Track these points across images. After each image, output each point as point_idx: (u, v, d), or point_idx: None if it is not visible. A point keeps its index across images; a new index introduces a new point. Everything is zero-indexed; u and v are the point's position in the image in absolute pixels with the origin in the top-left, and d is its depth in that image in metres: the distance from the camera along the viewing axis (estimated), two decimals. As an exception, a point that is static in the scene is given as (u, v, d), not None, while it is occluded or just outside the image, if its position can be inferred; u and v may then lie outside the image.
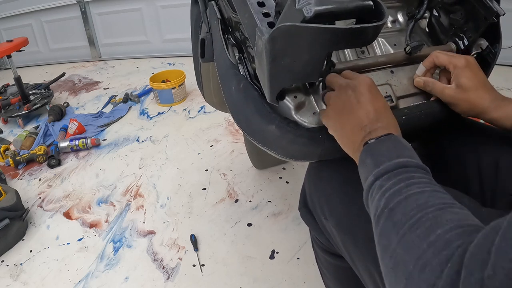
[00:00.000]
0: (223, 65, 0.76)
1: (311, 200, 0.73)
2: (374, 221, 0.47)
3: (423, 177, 0.47)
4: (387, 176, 0.48)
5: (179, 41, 3.33)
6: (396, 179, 0.47)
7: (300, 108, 0.67)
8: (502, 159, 0.64)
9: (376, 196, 0.48)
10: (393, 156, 0.50)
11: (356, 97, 0.57)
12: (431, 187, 0.45)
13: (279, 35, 0.50)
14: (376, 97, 0.58)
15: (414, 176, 0.47)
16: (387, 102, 0.59)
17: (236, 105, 0.72)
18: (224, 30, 0.77)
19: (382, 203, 0.46)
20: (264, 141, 0.68)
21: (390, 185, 0.47)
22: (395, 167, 0.48)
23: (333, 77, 0.63)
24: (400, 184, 0.46)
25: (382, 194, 0.47)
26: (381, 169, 0.49)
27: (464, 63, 0.65)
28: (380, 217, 0.46)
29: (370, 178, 0.49)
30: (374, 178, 0.49)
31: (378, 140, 0.53)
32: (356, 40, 0.52)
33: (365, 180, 0.51)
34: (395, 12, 0.82)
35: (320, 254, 0.83)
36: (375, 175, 0.49)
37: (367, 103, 0.57)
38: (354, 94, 0.58)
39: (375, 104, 0.57)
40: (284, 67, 0.55)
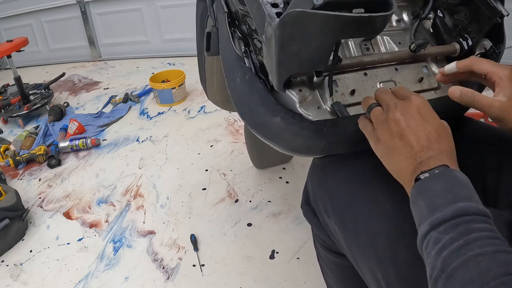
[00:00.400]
0: (228, 58, 0.76)
1: (314, 198, 0.72)
2: (430, 282, 0.44)
3: (484, 229, 0.43)
4: (443, 228, 0.44)
5: (179, 41, 3.33)
6: (454, 233, 0.43)
7: (304, 101, 0.67)
8: (505, 160, 0.64)
9: (432, 253, 0.44)
10: (450, 199, 0.46)
11: (405, 121, 0.54)
12: (493, 246, 0.41)
13: (289, 21, 0.50)
14: (428, 120, 0.54)
15: (474, 228, 0.43)
16: (443, 124, 0.55)
17: (240, 96, 0.72)
18: (231, 23, 0.77)
19: (439, 264, 0.42)
20: (268, 133, 0.68)
21: (448, 241, 0.43)
22: (453, 215, 0.44)
23: (383, 94, 0.59)
24: (459, 241, 0.42)
25: (438, 252, 0.43)
26: (436, 218, 0.45)
27: (511, 74, 0.58)
28: (437, 281, 0.42)
29: (425, 227, 0.46)
30: (429, 227, 0.45)
31: (431, 175, 0.49)
32: (364, 29, 0.52)
33: (419, 225, 0.48)
34: (400, 11, 0.82)
35: (322, 252, 0.82)
36: (430, 224, 0.45)
37: (417, 127, 0.53)
38: (403, 117, 0.54)
39: (426, 128, 0.53)
40: (292, 54, 0.55)
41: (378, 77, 0.73)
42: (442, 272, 0.42)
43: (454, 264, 0.41)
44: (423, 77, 0.74)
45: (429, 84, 0.74)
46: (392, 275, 0.55)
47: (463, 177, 0.49)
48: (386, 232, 0.58)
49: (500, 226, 0.54)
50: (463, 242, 0.42)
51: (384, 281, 0.57)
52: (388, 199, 0.61)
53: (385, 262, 0.57)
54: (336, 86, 0.70)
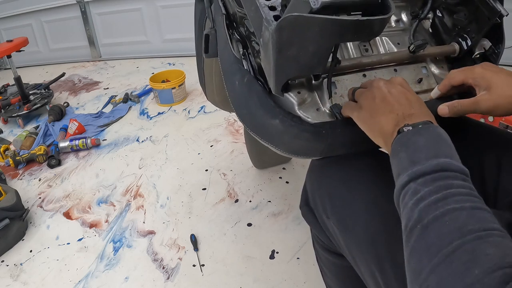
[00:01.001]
0: (227, 60, 0.76)
1: (313, 198, 0.72)
2: (405, 232, 0.44)
3: (463, 186, 0.44)
4: (423, 180, 0.45)
5: (179, 41, 3.33)
6: (433, 186, 0.44)
7: (303, 104, 0.67)
8: (504, 160, 0.64)
9: (409, 203, 0.45)
10: (431, 154, 0.46)
11: (387, 87, 0.57)
12: (471, 202, 0.42)
13: (286, 25, 0.50)
14: (409, 91, 0.57)
15: (453, 184, 0.43)
16: (420, 97, 0.58)
17: (239, 99, 0.72)
18: (229, 26, 0.77)
19: (416, 215, 0.43)
20: (267, 136, 0.68)
21: (426, 193, 0.43)
22: (433, 169, 0.45)
23: (365, 82, 0.63)
24: (437, 194, 0.43)
25: (416, 203, 0.44)
26: (416, 170, 0.46)
27: (480, 68, 0.62)
28: (412, 231, 0.43)
29: (404, 178, 0.46)
30: (409, 178, 0.46)
31: (415, 129, 0.50)
32: (362, 32, 0.52)
33: (398, 176, 0.48)
34: (399, 12, 0.82)
35: (321, 253, 0.83)
36: (410, 176, 0.46)
37: (399, 94, 0.56)
38: (385, 85, 0.58)
39: (407, 95, 0.56)
40: (290, 58, 0.55)
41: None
42: (418, 223, 0.42)
43: (431, 216, 0.42)
44: (422, 77, 0.74)
45: (429, 84, 0.74)
46: (391, 275, 0.56)
47: (445, 134, 0.50)
48: (385, 233, 0.58)
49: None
50: (441, 196, 0.43)
51: (383, 281, 0.57)
52: (387, 199, 0.61)
53: (384, 262, 0.57)
54: (335, 88, 0.70)
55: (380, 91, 0.57)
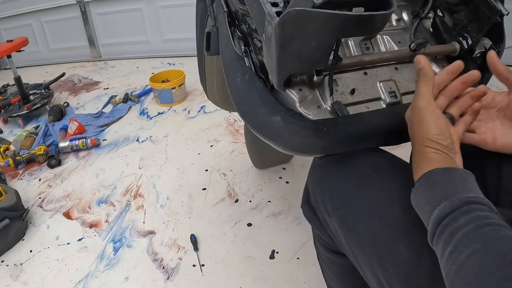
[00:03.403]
0: (228, 57, 0.76)
1: (314, 197, 0.72)
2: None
3: (492, 217, 0.45)
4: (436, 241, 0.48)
5: (179, 41, 3.33)
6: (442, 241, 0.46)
7: (304, 101, 0.67)
8: (505, 161, 0.64)
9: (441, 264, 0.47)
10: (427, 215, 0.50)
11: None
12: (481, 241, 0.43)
13: (289, 20, 0.50)
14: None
15: (456, 227, 0.45)
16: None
17: (240, 96, 0.72)
18: (231, 23, 0.77)
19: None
20: (268, 133, 0.68)
21: (440, 250, 0.46)
22: (433, 229, 0.48)
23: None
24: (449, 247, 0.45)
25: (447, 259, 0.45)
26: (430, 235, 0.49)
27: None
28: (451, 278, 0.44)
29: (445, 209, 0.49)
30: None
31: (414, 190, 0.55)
32: (364, 28, 0.52)
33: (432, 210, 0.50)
34: (400, 11, 0.82)
35: (322, 252, 0.82)
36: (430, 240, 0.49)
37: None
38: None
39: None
40: (293, 53, 0.55)
41: (378, 76, 0.73)
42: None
43: (452, 272, 0.42)
44: None
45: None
46: (393, 274, 0.55)
47: (433, 177, 0.53)
48: (387, 231, 0.58)
49: None
50: (452, 247, 0.44)
51: (385, 280, 0.57)
52: (388, 197, 0.61)
53: (387, 261, 0.57)
54: (336, 86, 0.70)
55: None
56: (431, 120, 0.56)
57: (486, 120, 0.64)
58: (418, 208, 0.52)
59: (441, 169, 0.52)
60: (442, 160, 0.54)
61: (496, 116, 0.64)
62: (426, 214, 0.50)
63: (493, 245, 0.41)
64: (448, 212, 0.46)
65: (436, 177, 0.52)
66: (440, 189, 0.50)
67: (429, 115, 0.56)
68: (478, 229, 0.43)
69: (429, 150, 0.55)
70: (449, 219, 0.46)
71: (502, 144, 0.62)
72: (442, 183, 0.50)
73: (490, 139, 0.63)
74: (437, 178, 0.51)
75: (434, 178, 0.52)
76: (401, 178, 0.63)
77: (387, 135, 0.68)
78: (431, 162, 0.54)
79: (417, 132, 0.57)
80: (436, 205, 0.48)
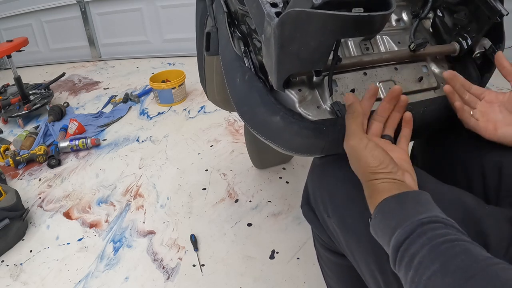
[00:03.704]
0: (228, 58, 0.76)
1: (314, 198, 0.72)
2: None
3: (422, 245, 0.46)
4: (397, 268, 0.48)
5: (179, 41, 3.33)
6: (403, 267, 0.46)
7: (304, 101, 0.67)
8: (505, 161, 0.64)
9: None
10: (384, 242, 0.51)
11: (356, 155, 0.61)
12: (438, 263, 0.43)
13: (288, 21, 0.50)
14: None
15: (413, 253, 0.46)
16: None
17: (240, 96, 0.72)
18: (230, 23, 0.77)
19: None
20: (267, 133, 0.68)
21: (403, 276, 0.46)
22: (393, 255, 0.48)
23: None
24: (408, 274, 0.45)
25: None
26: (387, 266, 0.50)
27: None
28: None
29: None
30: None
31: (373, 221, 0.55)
32: (363, 28, 0.52)
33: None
34: (400, 11, 0.82)
35: (322, 252, 0.82)
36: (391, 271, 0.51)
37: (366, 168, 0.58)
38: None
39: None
40: (292, 53, 0.55)
41: (377, 76, 0.73)
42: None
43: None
44: (423, 76, 0.74)
45: (429, 83, 0.74)
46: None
47: (386, 206, 0.53)
48: None
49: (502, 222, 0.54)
50: (412, 272, 0.44)
51: (383, 281, 0.57)
52: None
53: (384, 262, 0.57)
54: (336, 86, 0.70)
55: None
56: (366, 155, 0.57)
57: (489, 113, 0.66)
58: (378, 238, 0.53)
59: (392, 197, 0.52)
60: (391, 187, 0.54)
61: (499, 110, 0.66)
62: (385, 243, 0.50)
63: (452, 263, 0.41)
64: (404, 238, 0.47)
65: (388, 206, 0.52)
66: (394, 217, 0.50)
67: (363, 151, 0.57)
68: (434, 249, 0.43)
69: (376, 182, 0.55)
70: (406, 245, 0.46)
71: (502, 133, 0.63)
72: (394, 211, 0.51)
73: (491, 127, 0.64)
74: (390, 207, 0.52)
75: (386, 207, 0.52)
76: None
77: (387, 135, 0.68)
78: (381, 193, 0.54)
79: (358, 169, 0.58)
80: (392, 234, 0.48)
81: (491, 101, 0.67)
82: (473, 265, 0.40)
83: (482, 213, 0.55)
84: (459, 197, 0.58)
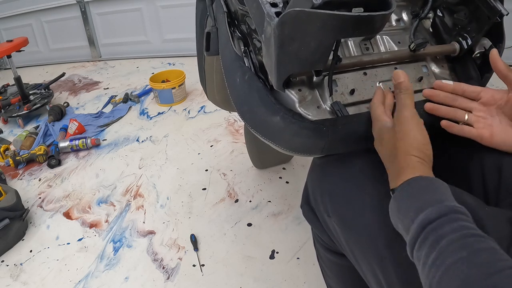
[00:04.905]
0: (228, 58, 0.76)
1: (314, 197, 0.72)
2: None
3: (453, 230, 0.46)
4: (418, 245, 0.47)
5: (179, 41, 3.33)
6: (427, 247, 0.46)
7: (304, 101, 0.67)
8: (505, 161, 0.64)
9: (420, 275, 0.47)
10: (412, 215, 0.50)
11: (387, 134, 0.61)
12: (466, 249, 0.43)
13: (288, 20, 0.50)
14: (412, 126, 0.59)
15: (442, 234, 0.45)
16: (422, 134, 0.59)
17: (240, 96, 0.72)
18: (230, 23, 0.77)
19: (427, 282, 0.45)
20: (267, 133, 0.68)
21: (424, 257, 0.46)
22: (419, 230, 0.48)
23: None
24: (433, 254, 0.45)
25: (422, 271, 0.46)
26: (410, 240, 0.49)
27: None
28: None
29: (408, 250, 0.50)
30: (410, 250, 0.49)
31: (396, 195, 0.54)
32: (363, 28, 0.52)
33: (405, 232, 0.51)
34: (400, 11, 0.82)
35: (322, 252, 0.82)
36: (410, 247, 0.49)
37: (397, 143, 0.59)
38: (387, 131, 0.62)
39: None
40: (292, 53, 0.55)
41: (377, 76, 0.73)
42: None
43: (436, 279, 0.42)
44: (423, 76, 0.75)
45: (429, 83, 0.74)
46: (392, 274, 0.55)
47: (418, 183, 0.53)
48: (387, 231, 0.58)
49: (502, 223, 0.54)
50: (436, 253, 0.44)
51: (384, 280, 0.57)
52: (388, 197, 0.61)
53: (386, 261, 0.57)
54: (336, 86, 0.70)
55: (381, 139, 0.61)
56: (417, 130, 0.58)
57: (486, 116, 0.65)
58: (399, 213, 0.52)
59: (426, 177, 0.53)
60: (425, 169, 0.55)
61: (496, 113, 0.64)
62: (407, 220, 0.50)
63: (479, 255, 0.42)
64: (435, 218, 0.46)
65: (421, 184, 0.52)
66: (425, 195, 0.50)
67: (416, 125, 0.58)
68: (463, 238, 0.44)
69: (415, 159, 0.56)
70: (435, 225, 0.46)
71: (499, 141, 0.63)
72: (427, 190, 0.51)
73: (487, 134, 0.63)
74: (422, 185, 0.52)
75: (419, 185, 0.52)
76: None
77: (387, 135, 0.68)
78: (414, 170, 0.54)
79: (401, 141, 0.58)
80: (420, 211, 0.48)
81: (488, 102, 0.65)
82: (498, 263, 0.40)
83: (482, 213, 0.55)
84: (459, 197, 0.58)
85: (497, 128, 0.63)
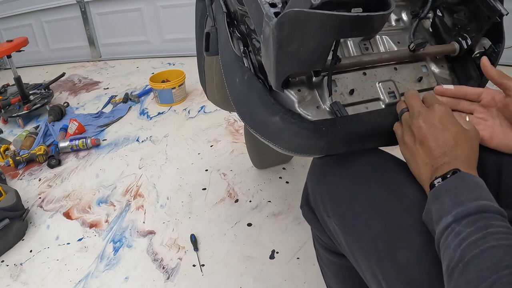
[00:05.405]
0: (227, 58, 0.76)
1: (314, 198, 0.72)
2: (447, 272, 0.46)
3: (501, 226, 0.46)
4: (466, 222, 0.47)
5: (179, 41, 3.33)
6: (474, 227, 0.46)
7: (303, 101, 0.67)
8: (505, 162, 0.64)
9: (451, 245, 0.47)
10: (473, 197, 0.49)
11: (426, 128, 0.58)
12: (508, 241, 0.44)
13: (287, 21, 0.50)
14: (448, 129, 0.57)
15: (493, 224, 0.46)
16: (462, 132, 0.58)
17: (239, 96, 0.72)
18: (230, 24, 0.77)
19: (458, 255, 0.45)
20: (267, 133, 0.68)
21: (468, 234, 0.46)
22: (476, 211, 0.47)
23: (410, 99, 0.63)
24: (477, 234, 0.45)
25: (458, 244, 0.46)
26: (461, 211, 0.48)
27: None
28: (454, 270, 0.45)
29: (448, 219, 0.48)
30: (453, 219, 0.48)
31: (443, 181, 0.53)
32: (362, 28, 0.52)
33: (440, 219, 0.50)
34: (399, 11, 0.82)
35: (321, 253, 0.82)
36: (455, 217, 0.48)
37: (437, 135, 0.57)
38: (425, 125, 0.58)
39: (445, 135, 0.57)
40: (291, 54, 0.55)
41: (377, 76, 0.73)
42: (460, 262, 0.44)
43: (471, 254, 0.44)
44: (422, 76, 0.74)
45: (428, 83, 0.74)
46: (392, 274, 0.55)
47: (475, 179, 0.52)
48: (386, 232, 0.58)
49: None
50: (482, 235, 0.45)
51: (385, 281, 0.57)
52: (388, 198, 0.61)
53: (386, 261, 0.57)
54: (335, 86, 0.70)
55: (419, 133, 0.59)
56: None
57: (486, 118, 0.65)
58: (456, 189, 0.51)
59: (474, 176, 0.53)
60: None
61: (496, 115, 0.64)
62: (463, 197, 0.50)
63: None
64: (493, 211, 0.47)
65: (471, 179, 0.52)
66: (476, 189, 0.51)
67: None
68: (508, 234, 0.45)
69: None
70: (490, 216, 0.47)
71: (498, 143, 0.63)
72: (477, 186, 0.51)
73: (487, 136, 0.64)
74: (472, 180, 0.52)
75: (469, 179, 0.52)
76: (400, 179, 0.63)
77: (386, 136, 0.68)
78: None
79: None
80: (481, 198, 0.49)
81: (489, 104, 0.65)
82: None
83: None
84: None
85: (497, 130, 0.63)
